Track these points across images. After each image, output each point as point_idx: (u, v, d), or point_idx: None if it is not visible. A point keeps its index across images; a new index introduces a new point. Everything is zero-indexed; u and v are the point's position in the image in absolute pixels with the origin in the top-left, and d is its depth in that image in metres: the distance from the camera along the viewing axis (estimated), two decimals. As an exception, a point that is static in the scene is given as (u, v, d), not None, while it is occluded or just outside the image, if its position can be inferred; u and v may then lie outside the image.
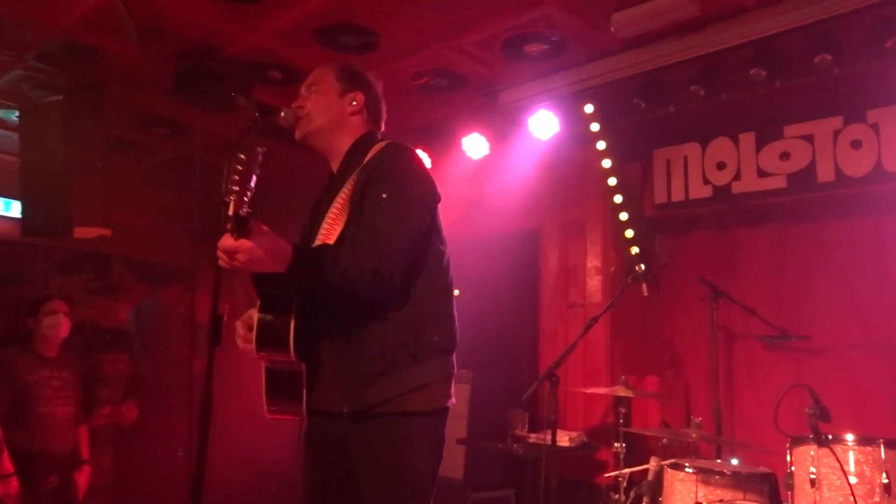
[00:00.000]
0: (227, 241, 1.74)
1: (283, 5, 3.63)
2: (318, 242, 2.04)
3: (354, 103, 2.26)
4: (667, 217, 4.86)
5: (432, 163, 5.12)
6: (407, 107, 4.74)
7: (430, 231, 2.10)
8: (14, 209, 5.88)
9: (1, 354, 3.94)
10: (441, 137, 5.08)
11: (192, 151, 5.53)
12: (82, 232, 4.03)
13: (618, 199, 4.77)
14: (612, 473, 3.53)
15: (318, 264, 1.86)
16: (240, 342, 2.14)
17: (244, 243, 1.73)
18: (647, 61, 4.03)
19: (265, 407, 2.10)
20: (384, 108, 2.37)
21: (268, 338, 1.95)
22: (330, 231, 2.03)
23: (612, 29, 3.71)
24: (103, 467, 4.42)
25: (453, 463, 4.36)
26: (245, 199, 1.67)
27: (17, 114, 4.89)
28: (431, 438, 2.03)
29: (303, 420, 2.14)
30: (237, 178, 1.63)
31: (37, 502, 3.55)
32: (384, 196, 1.94)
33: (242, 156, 1.65)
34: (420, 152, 4.99)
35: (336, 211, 2.05)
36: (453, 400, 2.09)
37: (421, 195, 2.09)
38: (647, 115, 4.35)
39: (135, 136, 5.37)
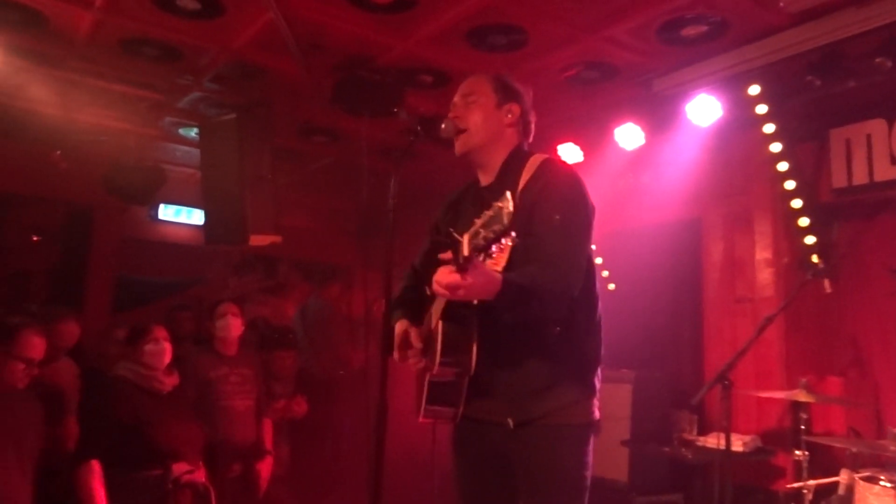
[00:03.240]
0: (450, 277, 1.80)
1: (433, 11, 3.68)
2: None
3: (510, 115, 2.29)
4: (847, 202, 4.43)
5: (584, 155, 5.00)
6: (556, 100, 4.66)
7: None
8: (195, 217, 6.45)
9: (187, 354, 4.32)
10: (592, 129, 4.93)
11: (351, 157, 5.81)
12: (257, 240, 4.34)
13: (789, 185, 4.41)
14: (797, 484, 3.28)
15: (525, 294, 1.92)
16: (412, 363, 2.21)
17: (467, 279, 1.79)
18: (821, 35, 3.68)
19: (421, 412, 2.19)
20: (534, 119, 2.37)
21: (451, 353, 2.03)
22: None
23: (780, 4, 3.44)
24: (281, 458, 4.72)
25: (617, 465, 4.25)
26: (479, 246, 1.73)
27: (195, 131, 5.36)
28: (587, 447, 2.14)
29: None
30: (496, 229, 1.68)
31: (222, 488, 3.84)
32: (557, 218, 1.96)
33: (505, 220, 1.66)
34: (571, 146, 4.98)
35: None
36: (598, 414, 2.18)
37: (588, 214, 2.14)
38: (823, 93, 3.98)
39: (296, 144, 5.69)
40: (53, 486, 3.58)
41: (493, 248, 1.71)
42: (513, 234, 1.67)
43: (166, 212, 6.48)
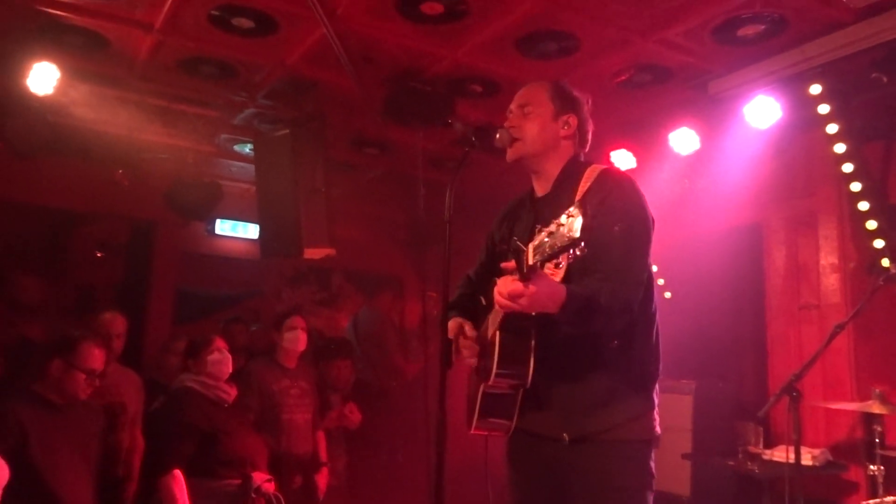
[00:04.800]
0: (513, 286, 1.79)
1: (483, 21, 3.67)
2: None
3: (567, 126, 2.25)
4: (919, 203, 4.23)
5: (637, 161, 4.91)
6: (608, 105, 4.59)
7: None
8: (250, 231, 6.57)
9: (250, 366, 4.38)
10: (646, 134, 4.85)
11: (402, 168, 5.85)
12: (311, 253, 4.39)
13: (855, 186, 4.22)
14: (872, 501, 3.13)
15: (589, 307, 1.89)
16: (465, 354, 2.19)
17: (530, 289, 1.77)
18: (887, 30, 3.54)
19: (474, 423, 2.16)
20: (591, 128, 2.34)
21: (508, 364, 2.00)
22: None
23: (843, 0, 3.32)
24: (337, 469, 4.74)
25: (679, 479, 4.13)
26: (545, 255, 1.70)
27: (249, 147, 5.47)
28: (647, 465, 2.08)
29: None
30: (566, 240, 1.64)
31: (286, 500, 3.88)
32: (617, 229, 1.92)
33: (581, 222, 1.63)
34: (624, 152, 4.90)
35: None
36: (658, 429, 2.12)
37: (647, 225, 2.10)
38: (890, 90, 3.82)
39: (349, 156, 5.75)
40: (114, 495, 3.67)
41: (561, 258, 1.67)
42: (583, 244, 1.63)
43: (223, 226, 6.62)
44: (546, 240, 1.67)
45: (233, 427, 3.67)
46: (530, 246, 1.72)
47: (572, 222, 1.62)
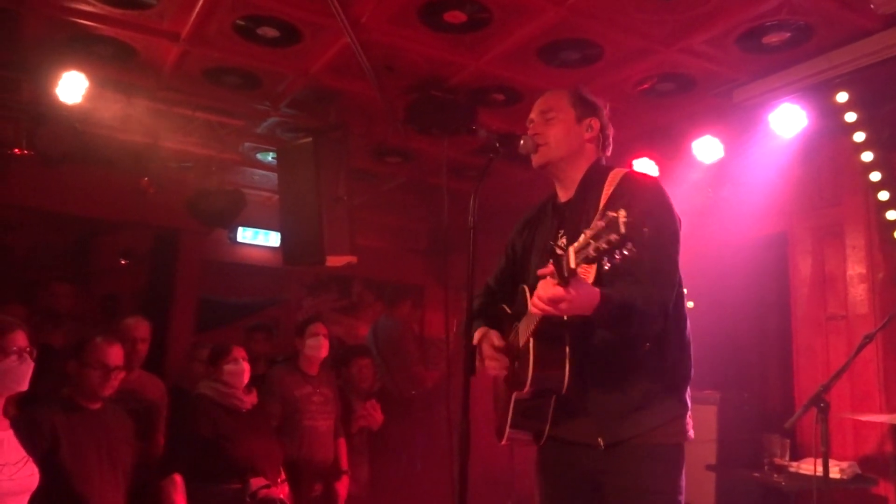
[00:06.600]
0: (554, 290, 1.78)
1: (505, 30, 3.68)
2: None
3: (590, 130, 2.26)
4: (948, 213, 4.16)
5: (660, 170, 4.87)
6: (630, 114, 4.57)
7: None
8: (272, 239, 6.62)
9: (273, 373, 4.40)
10: (669, 143, 4.82)
11: (423, 177, 5.87)
12: (333, 260, 4.41)
13: (883, 195, 4.17)
14: (904, 516, 3.06)
15: (624, 310, 1.89)
16: (492, 366, 2.18)
17: (570, 293, 1.77)
18: (917, 37, 3.50)
19: (505, 434, 2.15)
20: (612, 132, 2.35)
21: (543, 372, 1.99)
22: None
23: (871, 6, 3.29)
24: (360, 478, 4.73)
25: (703, 491, 4.07)
26: (589, 257, 1.67)
27: (271, 156, 5.52)
28: (681, 468, 2.07)
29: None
30: (612, 239, 1.62)
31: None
32: (646, 231, 1.90)
33: (622, 229, 1.60)
34: (647, 160, 4.87)
35: None
36: (692, 433, 2.11)
37: (676, 225, 2.10)
38: (919, 98, 3.78)
39: (371, 165, 5.77)
40: (143, 502, 3.68)
41: (605, 259, 1.63)
42: (630, 244, 1.59)
43: (245, 234, 6.67)
44: (591, 241, 1.64)
45: (241, 433, 3.69)
46: (571, 249, 1.69)
47: (617, 221, 1.60)
